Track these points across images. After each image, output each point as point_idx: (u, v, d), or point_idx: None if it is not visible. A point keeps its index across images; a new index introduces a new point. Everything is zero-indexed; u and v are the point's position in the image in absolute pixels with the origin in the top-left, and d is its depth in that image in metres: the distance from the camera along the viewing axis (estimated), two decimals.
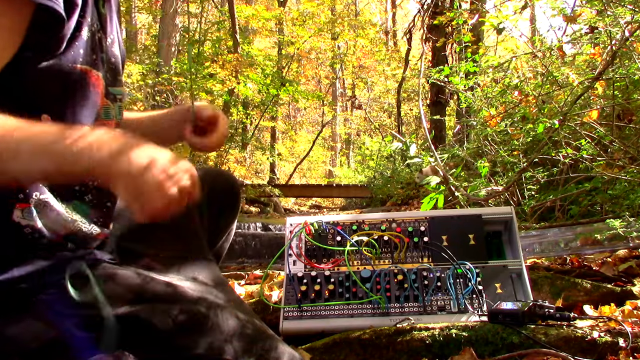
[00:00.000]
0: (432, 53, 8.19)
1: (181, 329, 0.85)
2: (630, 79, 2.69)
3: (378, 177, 12.18)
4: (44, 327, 0.78)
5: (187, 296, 0.90)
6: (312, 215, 1.82)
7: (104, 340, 0.80)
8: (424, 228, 1.50)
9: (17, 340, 0.78)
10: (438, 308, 1.37)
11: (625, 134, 3.04)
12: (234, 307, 0.95)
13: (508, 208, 1.55)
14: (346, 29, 15.14)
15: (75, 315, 0.80)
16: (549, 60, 3.31)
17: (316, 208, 16.09)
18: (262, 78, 11.09)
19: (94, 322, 0.80)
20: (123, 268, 0.89)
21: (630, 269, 1.90)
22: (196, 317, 0.87)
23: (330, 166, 22.27)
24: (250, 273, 2.63)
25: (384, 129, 17.98)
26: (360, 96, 20.75)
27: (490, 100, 4.02)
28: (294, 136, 20.80)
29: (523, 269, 1.42)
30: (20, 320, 0.79)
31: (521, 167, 3.14)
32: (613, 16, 2.66)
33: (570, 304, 1.52)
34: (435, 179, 2.98)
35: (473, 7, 5.21)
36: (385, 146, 11.36)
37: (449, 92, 7.61)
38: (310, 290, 1.43)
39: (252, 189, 11.18)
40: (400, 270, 1.43)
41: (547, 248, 2.50)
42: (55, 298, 0.80)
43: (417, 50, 11.84)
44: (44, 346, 0.78)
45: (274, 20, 13.25)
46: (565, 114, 2.69)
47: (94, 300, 0.82)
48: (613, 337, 1.13)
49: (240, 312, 0.95)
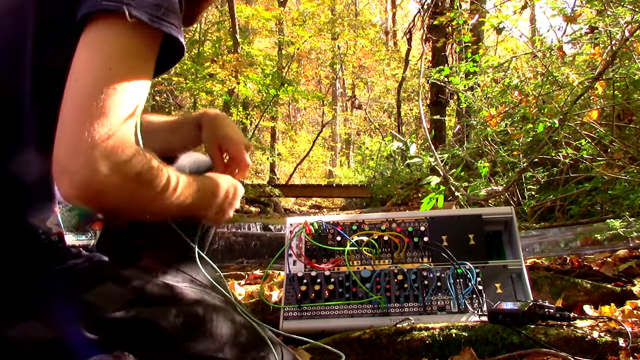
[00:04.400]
0: (432, 53, 8.19)
1: (178, 331, 0.86)
2: (630, 79, 2.69)
3: (378, 177, 12.18)
4: (44, 327, 0.78)
5: (185, 298, 0.90)
6: (312, 215, 1.82)
7: (104, 340, 0.80)
8: (424, 228, 1.50)
9: (17, 340, 0.78)
10: (438, 308, 1.37)
11: (625, 134, 3.04)
12: (231, 309, 0.96)
13: (508, 208, 1.55)
14: (346, 29, 15.14)
15: (76, 316, 0.80)
16: (549, 60, 3.31)
17: (316, 208, 16.09)
18: (262, 78, 11.09)
19: (94, 322, 0.81)
20: (122, 269, 0.90)
21: (630, 269, 1.90)
22: (193, 319, 0.88)
23: (330, 166, 22.26)
24: (250, 273, 2.63)
25: (384, 129, 17.98)
26: (360, 96, 20.74)
27: (490, 100, 4.02)
28: (294, 136, 20.79)
29: (523, 269, 1.42)
30: (20, 321, 0.79)
31: (521, 167, 3.13)
32: (613, 16, 2.66)
33: (570, 304, 1.52)
34: (435, 179, 2.98)
35: (473, 7, 5.21)
36: (385, 146, 11.36)
37: (449, 92, 7.61)
38: (310, 290, 1.43)
39: (252, 189, 11.18)
40: (400, 270, 1.43)
41: (547, 248, 2.50)
42: (57, 299, 0.80)
43: (417, 50, 11.84)
44: (44, 346, 0.78)
45: (274, 20, 13.24)
46: (565, 114, 2.69)
47: (94, 301, 0.82)
48: (613, 337, 1.13)
49: (237, 315, 0.95)
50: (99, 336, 0.80)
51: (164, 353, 0.86)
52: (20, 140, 0.80)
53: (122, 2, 0.72)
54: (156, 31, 0.75)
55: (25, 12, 0.80)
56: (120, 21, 0.72)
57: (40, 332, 0.78)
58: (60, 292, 0.81)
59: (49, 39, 0.79)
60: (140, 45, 0.75)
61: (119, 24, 0.72)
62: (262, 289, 1.83)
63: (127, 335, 0.83)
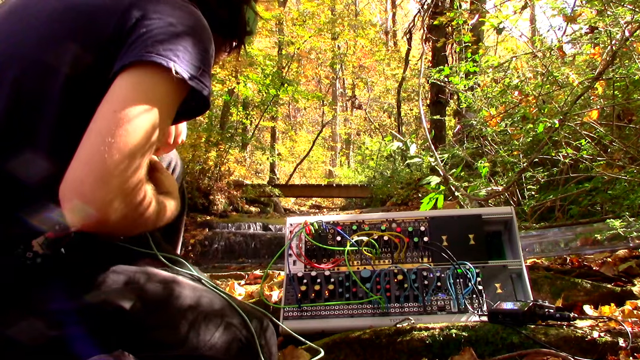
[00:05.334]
0: (432, 53, 8.19)
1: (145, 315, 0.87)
2: (630, 79, 2.69)
3: (378, 177, 12.20)
4: (44, 327, 0.78)
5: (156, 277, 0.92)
6: (312, 215, 1.82)
7: (102, 338, 0.80)
8: (424, 228, 1.50)
9: (17, 340, 0.78)
10: (438, 308, 1.37)
11: (625, 134, 3.03)
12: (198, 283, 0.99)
13: (508, 208, 1.55)
14: (346, 29, 15.14)
15: (76, 314, 0.80)
16: (549, 60, 3.31)
17: (316, 208, 16.10)
18: (262, 78, 11.08)
19: (94, 321, 0.81)
20: (120, 267, 0.89)
21: (630, 269, 1.90)
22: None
23: (330, 166, 22.27)
24: (250, 273, 2.63)
25: (384, 129, 17.98)
26: (360, 96, 20.74)
27: (490, 100, 4.02)
28: (294, 136, 20.80)
29: (523, 269, 1.42)
30: (20, 321, 0.79)
31: (521, 167, 3.13)
32: (613, 16, 2.66)
33: (570, 304, 1.52)
34: (435, 179, 2.98)
35: (473, 7, 5.21)
36: (385, 146, 11.36)
37: (449, 92, 7.61)
38: (310, 290, 1.43)
39: (252, 189, 11.19)
40: (400, 270, 1.43)
41: (547, 248, 2.50)
42: (56, 298, 0.80)
43: (417, 50, 11.84)
44: (44, 346, 0.78)
45: (274, 20, 13.24)
46: (565, 114, 2.69)
47: (94, 300, 0.82)
48: (613, 337, 1.13)
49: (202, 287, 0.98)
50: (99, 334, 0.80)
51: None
52: (32, 143, 0.82)
53: (171, 59, 0.80)
54: (188, 87, 0.84)
55: (67, 40, 0.86)
56: (163, 74, 0.80)
57: (40, 331, 0.78)
58: (57, 290, 0.81)
59: (86, 69, 0.84)
60: (172, 96, 0.84)
61: (160, 76, 0.80)
62: (262, 289, 1.83)
63: (126, 333, 0.83)
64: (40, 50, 0.85)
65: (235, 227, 9.05)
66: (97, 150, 0.73)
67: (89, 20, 0.86)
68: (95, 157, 0.73)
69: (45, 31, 0.87)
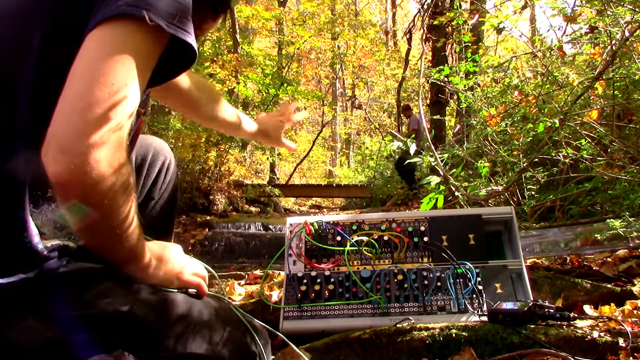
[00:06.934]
0: (432, 53, 8.19)
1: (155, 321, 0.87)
2: (630, 79, 2.69)
3: (378, 177, 12.19)
4: (44, 327, 0.78)
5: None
6: (312, 215, 1.82)
7: (102, 339, 0.80)
8: (424, 228, 1.50)
9: (17, 340, 0.78)
10: (438, 308, 1.37)
11: (625, 134, 3.03)
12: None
13: (508, 208, 1.55)
14: (346, 29, 15.14)
15: (75, 315, 0.80)
16: (549, 60, 3.31)
17: (316, 208, 16.09)
18: (262, 78, 11.08)
19: (93, 321, 0.81)
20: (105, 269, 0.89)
21: (630, 269, 1.90)
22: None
23: (330, 166, 22.26)
24: (250, 273, 2.63)
25: (384, 129, 17.97)
26: (360, 96, 20.74)
27: (490, 100, 4.02)
28: (294, 136, 20.78)
29: (523, 269, 1.42)
30: (20, 321, 0.79)
31: (521, 167, 3.13)
32: (613, 16, 2.66)
33: (570, 304, 1.51)
34: (435, 179, 2.98)
35: (473, 7, 5.21)
36: (385, 146, 11.36)
37: (449, 92, 7.61)
38: (310, 290, 1.43)
39: (252, 189, 11.17)
40: (400, 270, 1.42)
41: (547, 248, 2.50)
42: (55, 299, 0.80)
43: (417, 50, 11.84)
44: (44, 346, 0.78)
45: (274, 20, 13.24)
46: (565, 113, 2.69)
47: (93, 300, 0.82)
48: (613, 337, 1.13)
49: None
50: (98, 335, 0.80)
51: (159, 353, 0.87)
52: (10, 135, 0.81)
53: (142, 7, 0.76)
54: (166, 36, 0.80)
55: (35, 14, 0.83)
56: (137, 23, 0.77)
57: (40, 331, 0.78)
58: (57, 291, 0.81)
59: (58, 40, 0.81)
60: (150, 47, 0.80)
61: (134, 26, 0.77)
62: (262, 289, 1.83)
63: (125, 333, 0.83)
64: (8, 27, 0.84)
65: (235, 227, 9.05)
66: (75, 108, 0.72)
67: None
68: (73, 113, 0.72)
69: (14, 6, 0.85)
